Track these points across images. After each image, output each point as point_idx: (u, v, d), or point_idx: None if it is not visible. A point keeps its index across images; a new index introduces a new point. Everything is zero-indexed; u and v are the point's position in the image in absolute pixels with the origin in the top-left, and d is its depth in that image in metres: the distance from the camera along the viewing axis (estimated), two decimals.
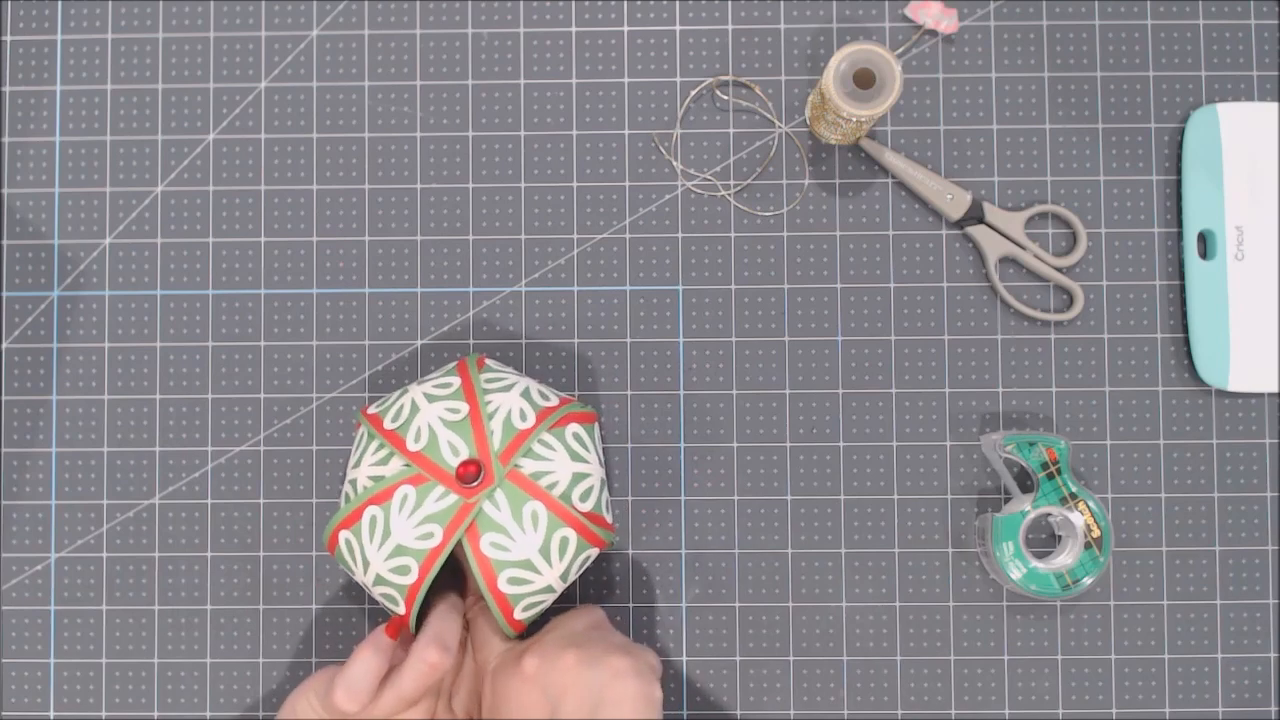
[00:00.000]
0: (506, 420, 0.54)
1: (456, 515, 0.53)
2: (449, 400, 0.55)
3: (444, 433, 0.54)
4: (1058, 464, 0.58)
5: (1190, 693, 0.60)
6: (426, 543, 0.52)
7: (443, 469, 0.53)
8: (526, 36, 0.62)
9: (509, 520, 0.53)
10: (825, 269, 0.61)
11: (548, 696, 0.51)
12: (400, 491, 0.53)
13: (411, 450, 0.53)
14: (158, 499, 0.61)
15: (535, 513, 0.53)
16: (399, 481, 0.53)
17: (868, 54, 0.56)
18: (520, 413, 0.55)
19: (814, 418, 0.61)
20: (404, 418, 0.55)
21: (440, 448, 0.53)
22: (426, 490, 0.53)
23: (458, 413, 0.54)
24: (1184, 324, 0.61)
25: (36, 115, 0.62)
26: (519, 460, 0.54)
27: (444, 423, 0.54)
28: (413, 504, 0.53)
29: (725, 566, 0.61)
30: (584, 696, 0.50)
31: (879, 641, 0.60)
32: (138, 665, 0.61)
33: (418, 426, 0.54)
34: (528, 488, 0.53)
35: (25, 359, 0.62)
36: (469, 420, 0.54)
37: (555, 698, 0.51)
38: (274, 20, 0.63)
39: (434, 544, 0.52)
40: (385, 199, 0.62)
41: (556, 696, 0.51)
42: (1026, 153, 0.62)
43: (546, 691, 0.51)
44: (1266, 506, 0.60)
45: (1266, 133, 0.61)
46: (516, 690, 0.52)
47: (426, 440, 0.54)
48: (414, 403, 0.55)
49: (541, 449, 0.54)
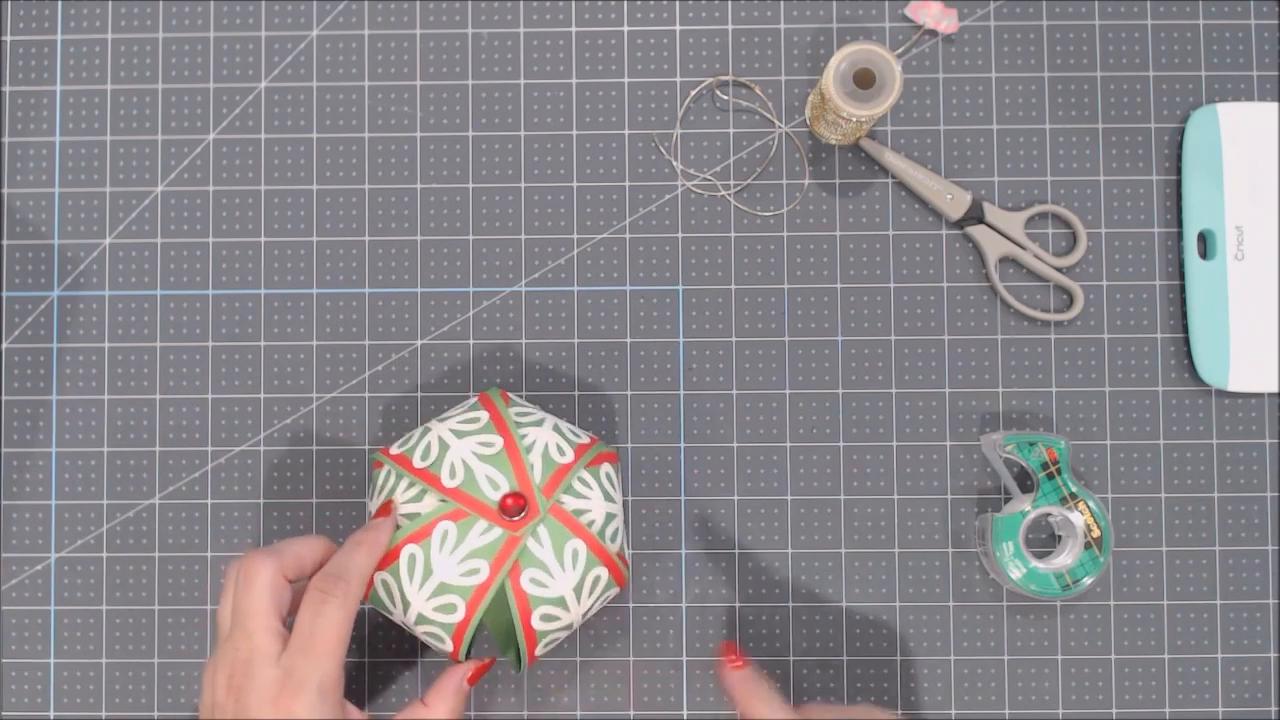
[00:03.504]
0: (545, 454, 0.53)
1: (503, 549, 0.51)
2: (480, 435, 0.54)
3: (481, 467, 0.53)
4: (1058, 464, 0.58)
5: (1190, 693, 0.60)
6: (472, 579, 0.51)
7: (484, 503, 0.52)
8: (526, 36, 0.62)
9: (551, 557, 0.52)
10: (825, 269, 0.61)
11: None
12: (440, 528, 0.52)
13: (448, 486, 0.52)
14: (158, 499, 0.61)
15: (576, 550, 0.53)
16: (438, 518, 0.52)
17: (868, 54, 0.56)
18: (558, 447, 0.54)
19: (814, 418, 0.61)
20: (434, 455, 0.53)
21: (479, 482, 0.52)
22: (468, 525, 0.52)
23: (491, 446, 0.53)
24: (1184, 324, 0.61)
25: (36, 115, 0.63)
26: (561, 496, 0.53)
27: (479, 457, 0.53)
28: (454, 540, 0.52)
29: (725, 566, 0.61)
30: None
31: (879, 641, 0.60)
32: (138, 665, 0.61)
33: (451, 462, 0.53)
34: (570, 525, 0.53)
35: (25, 359, 0.62)
36: (505, 454, 0.53)
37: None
38: (274, 20, 0.63)
39: (480, 580, 0.51)
40: (385, 199, 0.62)
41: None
42: (1026, 153, 0.62)
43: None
44: (1266, 506, 0.60)
45: (1266, 133, 0.61)
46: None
47: (463, 476, 0.52)
48: (441, 440, 0.54)
49: (580, 486, 0.54)
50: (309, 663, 0.48)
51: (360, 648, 0.61)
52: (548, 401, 0.61)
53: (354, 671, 0.61)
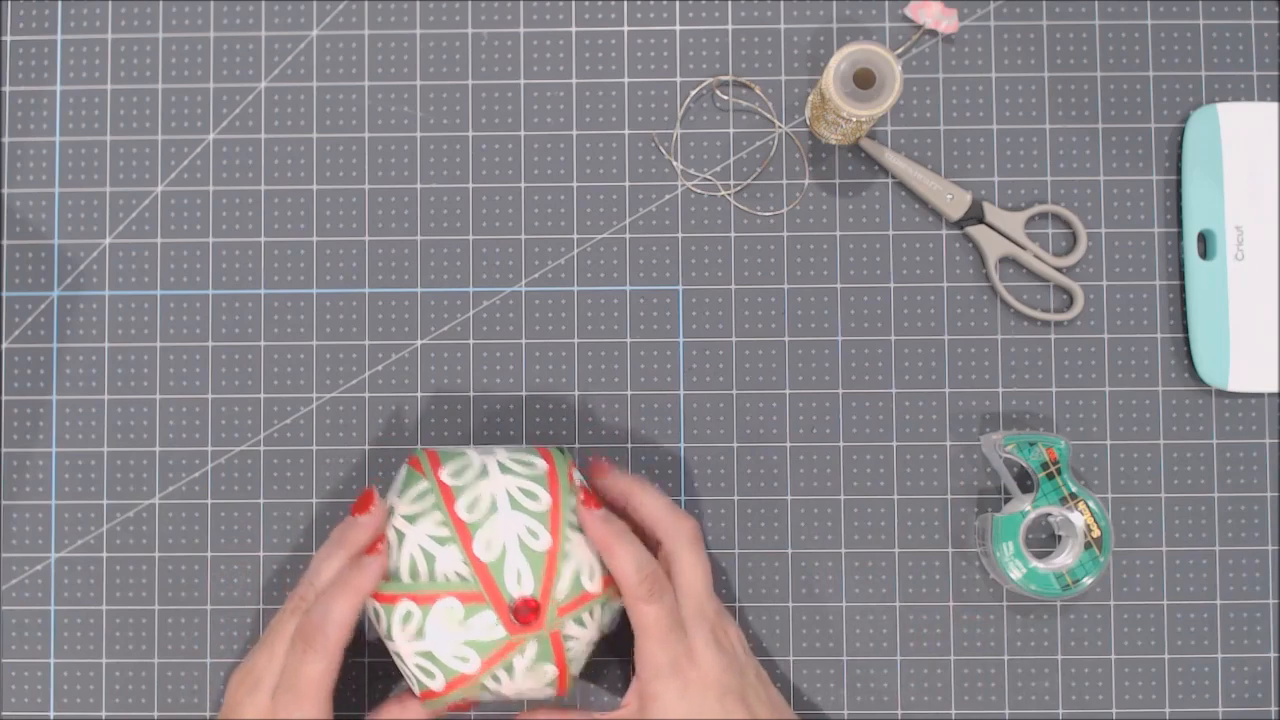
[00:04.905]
0: (576, 575, 0.51)
1: (498, 651, 0.50)
2: (533, 520, 0.51)
3: (516, 558, 0.50)
4: (1058, 464, 0.58)
5: (1190, 693, 0.60)
6: (460, 665, 0.50)
7: (503, 598, 0.50)
8: (526, 36, 0.62)
9: (521, 675, 0.51)
10: (825, 269, 0.61)
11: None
12: (446, 602, 0.50)
13: (479, 558, 0.50)
14: (158, 499, 0.61)
15: (545, 673, 0.52)
16: (447, 593, 0.50)
17: (868, 54, 0.56)
18: (590, 572, 0.52)
19: (814, 418, 0.61)
20: (480, 514, 0.51)
21: (506, 571, 0.50)
22: (475, 611, 0.50)
23: (538, 539, 0.51)
24: (1184, 324, 0.61)
25: (36, 115, 0.62)
26: (568, 622, 0.51)
27: (521, 545, 0.51)
28: (459, 619, 0.50)
29: (726, 566, 0.61)
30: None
31: (879, 641, 0.60)
32: (138, 665, 0.61)
33: (490, 537, 0.51)
34: (556, 651, 0.51)
35: (25, 359, 0.62)
36: (546, 557, 0.51)
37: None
38: (274, 20, 0.63)
39: (467, 670, 0.50)
40: (385, 199, 0.62)
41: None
42: (1026, 153, 0.62)
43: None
44: (1266, 506, 0.60)
45: (1266, 133, 0.61)
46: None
47: (497, 556, 0.50)
48: (494, 501, 0.51)
49: (586, 617, 0.52)
50: (292, 704, 0.51)
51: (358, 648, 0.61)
52: (548, 402, 0.61)
53: (353, 671, 0.61)
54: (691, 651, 0.51)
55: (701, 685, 0.51)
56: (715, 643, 0.52)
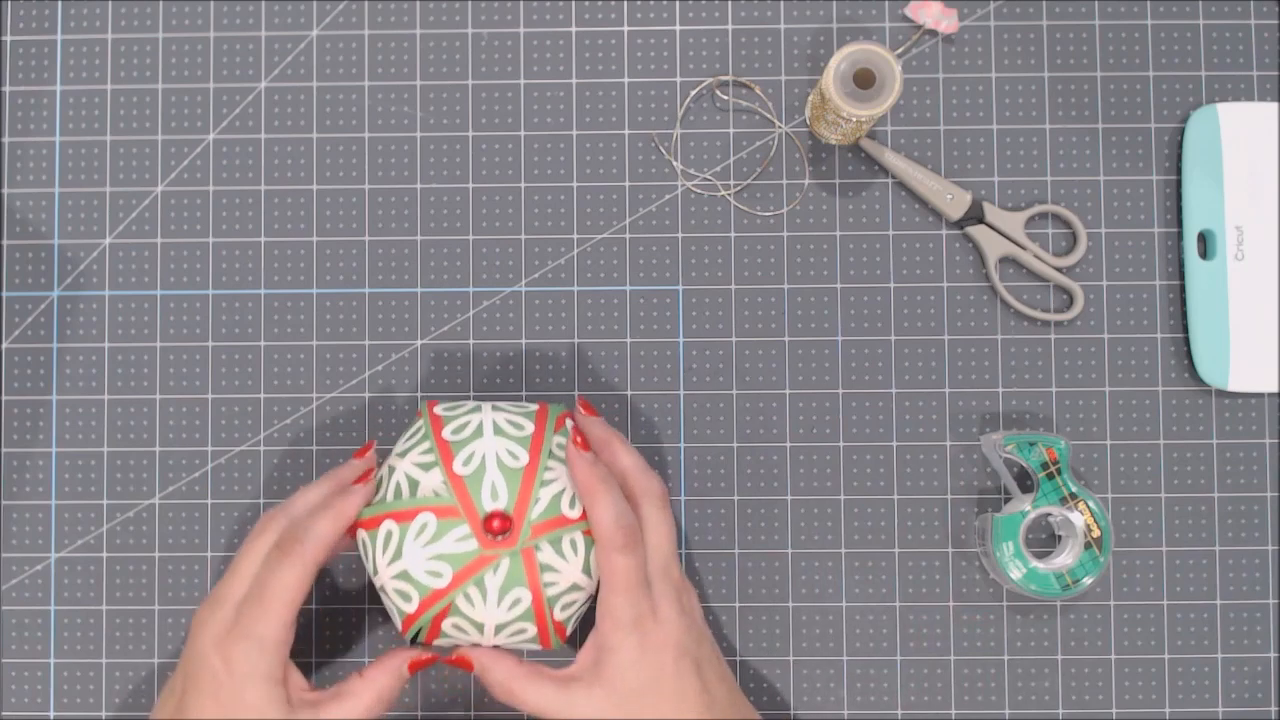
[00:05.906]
0: (556, 498, 0.52)
1: (469, 565, 0.51)
2: (515, 444, 0.53)
3: (494, 472, 0.52)
4: (1058, 464, 0.58)
5: (1190, 693, 0.60)
6: (433, 581, 0.51)
7: (476, 509, 0.51)
8: (526, 36, 0.62)
9: (494, 597, 0.51)
10: (825, 269, 0.61)
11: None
12: (422, 518, 0.51)
13: (455, 471, 0.51)
14: (158, 499, 0.61)
15: (519, 599, 0.51)
16: (423, 507, 0.51)
17: (868, 54, 0.56)
18: (570, 500, 0.52)
19: (814, 418, 0.61)
20: (465, 435, 0.53)
21: (483, 484, 0.51)
22: (449, 526, 0.51)
23: (516, 460, 0.52)
24: (1184, 324, 0.61)
25: (36, 115, 0.63)
26: (543, 544, 0.51)
27: (499, 463, 0.52)
28: (431, 534, 0.51)
29: (725, 566, 0.61)
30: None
31: (879, 641, 0.60)
32: (137, 665, 0.61)
33: (472, 451, 0.52)
34: (530, 574, 0.51)
35: (25, 359, 0.62)
36: (522, 474, 0.52)
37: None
38: (274, 20, 0.63)
39: (439, 585, 0.51)
40: (385, 199, 0.62)
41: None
42: (1026, 153, 0.62)
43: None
44: (1266, 506, 0.60)
45: (1266, 133, 0.61)
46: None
47: (474, 470, 0.52)
48: (480, 426, 0.53)
49: (567, 548, 0.52)
50: (256, 614, 0.50)
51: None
52: (548, 402, 0.61)
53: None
54: (655, 610, 0.51)
55: (660, 643, 0.50)
56: (679, 604, 0.52)
